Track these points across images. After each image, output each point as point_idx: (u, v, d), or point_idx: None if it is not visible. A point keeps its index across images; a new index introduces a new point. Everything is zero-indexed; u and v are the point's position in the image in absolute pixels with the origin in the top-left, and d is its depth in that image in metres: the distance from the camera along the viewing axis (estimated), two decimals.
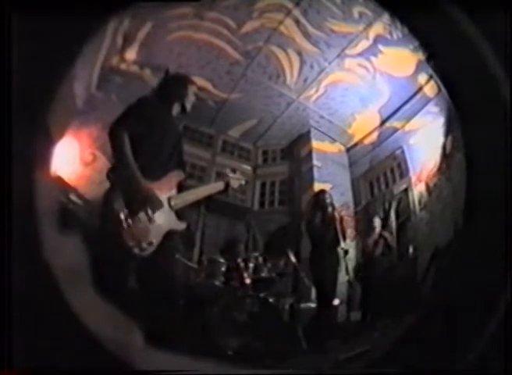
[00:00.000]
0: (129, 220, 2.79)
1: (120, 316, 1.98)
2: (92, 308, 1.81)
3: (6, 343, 1.61)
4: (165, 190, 3.01)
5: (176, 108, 3.14)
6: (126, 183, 2.85)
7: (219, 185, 3.40)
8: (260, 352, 3.18)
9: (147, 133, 2.97)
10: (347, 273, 3.68)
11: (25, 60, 1.75)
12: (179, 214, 3.06)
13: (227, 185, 3.40)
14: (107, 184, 2.95)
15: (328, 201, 3.78)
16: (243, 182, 3.52)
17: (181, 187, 3.14)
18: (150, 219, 2.89)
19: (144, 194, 2.89)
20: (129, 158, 2.85)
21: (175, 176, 3.11)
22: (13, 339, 1.61)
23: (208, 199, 3.53)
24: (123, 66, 3.29)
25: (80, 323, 1.67)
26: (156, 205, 2.93)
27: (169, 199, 3.02)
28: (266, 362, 2.99)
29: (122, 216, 2.78)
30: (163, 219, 2.95)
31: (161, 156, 3.06)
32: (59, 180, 2.59)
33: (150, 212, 2.88)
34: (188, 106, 3.17)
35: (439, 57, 2.09)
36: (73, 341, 1.68)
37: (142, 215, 2.86)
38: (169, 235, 2.95)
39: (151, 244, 2.85)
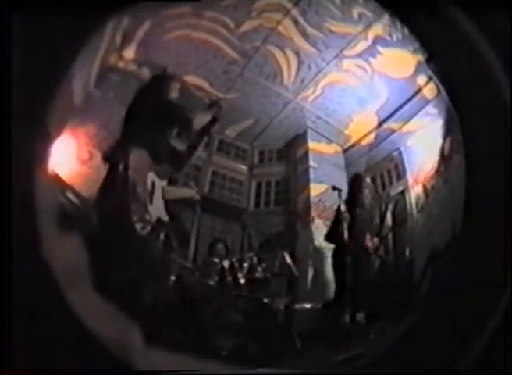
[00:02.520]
0: (139, 189, 2.90)
1: (120, 315, 1.98)
2: (92, 308, 1.80)
3: (6, 343, 1.61)
4: (161, 178, 3.14)
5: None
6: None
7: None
8: (255, 353, 3.18)
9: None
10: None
11: (24, 59, 1.74)
12: (168, 207, 3.19)
13: None
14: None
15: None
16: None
17: (172, 182, 3.30)
18: (151, 199, 2.99)
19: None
20: None
21: (167, 169, 3.23)
22: (13, 339, 1.61)
23: (203, 199, 3.55)
24: (121, 65, 3.28)
25: (79, 322, 1.66)
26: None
27: (163, 189, 3.14)
28: (261, 362, 2.99)
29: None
30: (156, 206, 3.08)
31: (158, 146, 3.21)
32: (57, 178, 2.58)
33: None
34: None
35: (440, 57, 2.10)
36: (73, 341, 1.68)
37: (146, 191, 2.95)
38: (158, 224, 3.07)
39: (149, 222, 2.98)
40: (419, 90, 3.49)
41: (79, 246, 2.00)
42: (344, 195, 3.81)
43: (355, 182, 3.83)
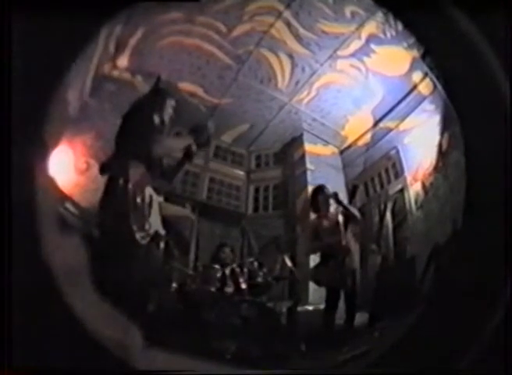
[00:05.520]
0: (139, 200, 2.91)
1: (120, 316, 1.97)
2: (92, 308, 1.79)
3: (6, 343, 1.60)
4: (157, 193, 3.18)
5: (156, 120, 3.20)
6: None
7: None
8: (259, 356, 3.16)
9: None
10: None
11: (25, 60, 1.74)
12: (165, 221, 3.21)
13: None
14: (101, 192, 2.96)
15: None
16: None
17: (168, 198, 3.38)
18: (149, 212, 3.04)
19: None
20: None
21: (162, 184, 3.25)
22: (13, 339, 1.60)
23: (202, 205, 3.56)
24: (115, 73, 3.28)
25: (79, 323, 1.65)
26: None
27: (160, 204, 3.17)
28: (265, 365, 2.97)
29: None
30: (154, 219, 3.10)
31: (153, 164, 3.17)
32: (56, 189, 2.57)
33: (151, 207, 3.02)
34: (166, 119, 3.24)
35: (439, 57, 2.09)
36: (73, 341, 1.67)
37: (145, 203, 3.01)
38: (156, 238, 3.09)
39: (148, 234, 3.00)
40: (415, 87, 3.48)
41: (78, 248, 2.00)
42: (342, 198, 3.82)
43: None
